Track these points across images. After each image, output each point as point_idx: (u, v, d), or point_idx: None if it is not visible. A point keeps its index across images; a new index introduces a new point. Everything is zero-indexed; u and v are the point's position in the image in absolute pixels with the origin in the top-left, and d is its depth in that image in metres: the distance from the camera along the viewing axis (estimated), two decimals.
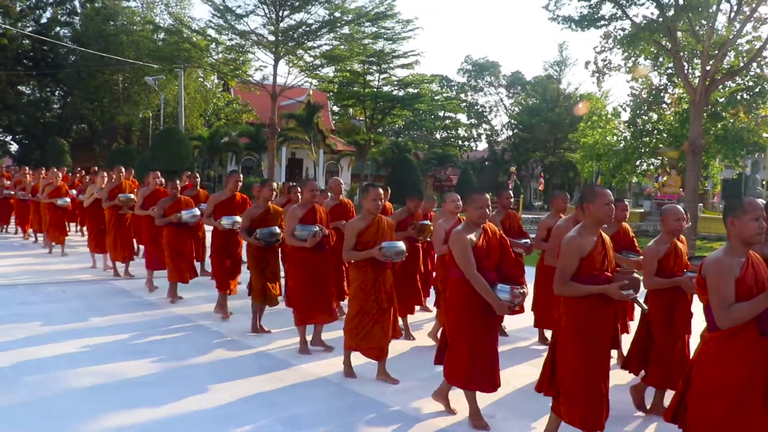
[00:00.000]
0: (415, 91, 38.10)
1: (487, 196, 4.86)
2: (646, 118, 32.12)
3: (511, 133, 58.55)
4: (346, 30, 29.62)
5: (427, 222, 7.61)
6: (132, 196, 10.58)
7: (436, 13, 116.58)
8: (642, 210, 32.41)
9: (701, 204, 26.36)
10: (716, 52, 20.23)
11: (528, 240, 7.67)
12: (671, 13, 19.50)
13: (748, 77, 26.96)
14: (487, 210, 4.79)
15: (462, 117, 60.35)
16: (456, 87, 60.94)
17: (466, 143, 63.23)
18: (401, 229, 8.04)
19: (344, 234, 5.89)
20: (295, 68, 30.77)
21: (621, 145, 32.62)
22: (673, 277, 5.15)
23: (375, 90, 36.74)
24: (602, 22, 20.66)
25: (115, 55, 35.17)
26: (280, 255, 7.83)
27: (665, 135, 30.49)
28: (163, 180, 10.34)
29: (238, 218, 7.83)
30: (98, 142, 41.21)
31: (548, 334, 7.37)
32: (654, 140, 31.14)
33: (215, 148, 38.39)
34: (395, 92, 38.23)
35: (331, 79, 35.57)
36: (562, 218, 6.15)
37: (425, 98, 38.75)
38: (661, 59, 25.88)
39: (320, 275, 6.61)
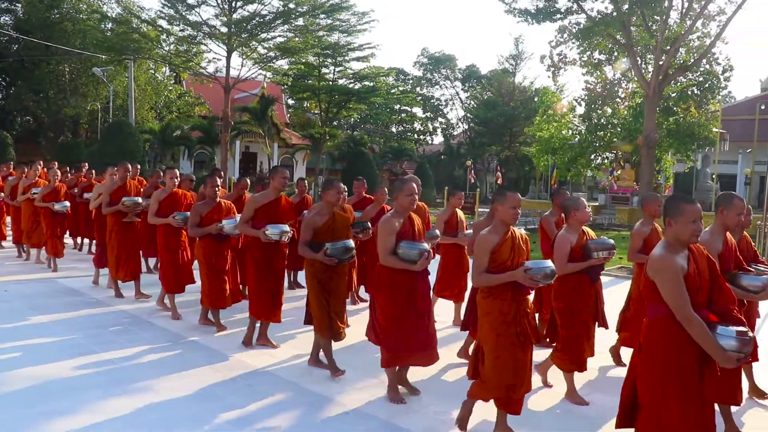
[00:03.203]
0: (371, 84, 37.81)
1: (699, 206, 3.65)
2: (601, 112, 32.51)
3: (466, 126, 58.73)
4: (300, 22, 29.16)
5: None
6: (139, 200, 8.74)
7: (392, 6, 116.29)
8: (597, 203, 32.78)
9: None
10: (669, 47, 20.47)
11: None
12: (626, 6, 19.66)
13: (698, 73, 27.51)
14: (701, 224, 3.60)
15: (418, 111, 60.33)
16: (412, 80, 60.83)
17: (422, 137, 63.23)
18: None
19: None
20: (248, 60, 30.21)
21: (576, 139, 32.93)
22: None
23: (330, 83, 36.35)
24: (558, 16, 20.75)
25: (61, 45, 33.97)
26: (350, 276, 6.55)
27: (619, 129, 30.90)
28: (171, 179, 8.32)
29: (287, 227, 6.46)
30: (44, 135, 39.87)
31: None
32: (608, 134, 31.53)
33: (167, 141, 37.51)
34: (351, 85, 37.87)
35: (285, 71, 35.05)
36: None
37: (381, 91, 38.49)
38: (615, 54, 26.16)
39: (421, 306, 5.25)
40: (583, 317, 5.47)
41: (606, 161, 35.23)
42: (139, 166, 8.95)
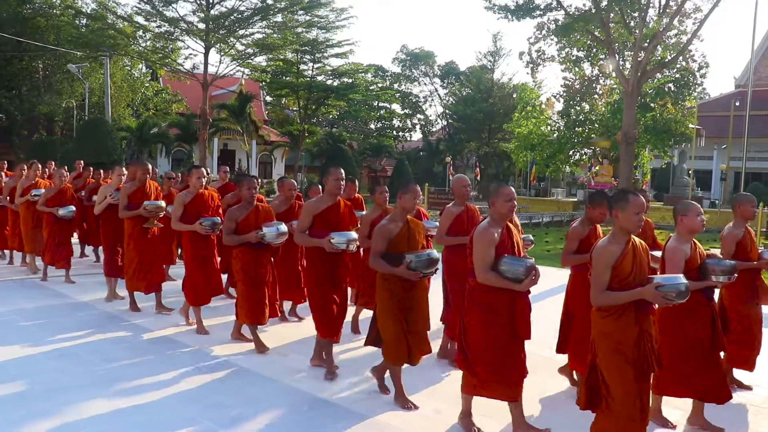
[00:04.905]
0: (350, 80, 37.82)
1: None
2: (579, 108, 32.72)
3: (445, 123, 58.81)
4: (279, 18, 29.08)
5: None
6: (162, 203, 7.94)
7: (371, 3, 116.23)
8: (575, 199, 33.01)
9: None
10: (647, 44, 20.63)
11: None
12: (604, 3, 19.79)
13: (675, 69, 27.82)
14: None
15: (396, 107, 60.29)
16: (390, 77, 60.77)
17: (400, 134, 63.19)
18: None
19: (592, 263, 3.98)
20: (226, 57, 30.04)
21: (555, 135, 33.12)
22: None
23: (309, 79, 36.26)
24: (537, 12, 20.82)
25: (33, 40, 33.44)
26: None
27: (597, 125, 31.12)
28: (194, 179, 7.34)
29: (354, 235, 5.79)
30: (17, 133, 39.25)
31: None
32: (586, 130, 31.75)
33: (144, 139, 37.12)
34: (329, 82, 37.85)
35: (263, 68, 34.93)
36: None
37: (360, 88, 38.49)
38: (594, 51, 26.32)
39: (521, 328, 4.51)
40: (699, 340, 4.72)
41: (584, 157, 35.49)
42: (150, 167, 8.35)
